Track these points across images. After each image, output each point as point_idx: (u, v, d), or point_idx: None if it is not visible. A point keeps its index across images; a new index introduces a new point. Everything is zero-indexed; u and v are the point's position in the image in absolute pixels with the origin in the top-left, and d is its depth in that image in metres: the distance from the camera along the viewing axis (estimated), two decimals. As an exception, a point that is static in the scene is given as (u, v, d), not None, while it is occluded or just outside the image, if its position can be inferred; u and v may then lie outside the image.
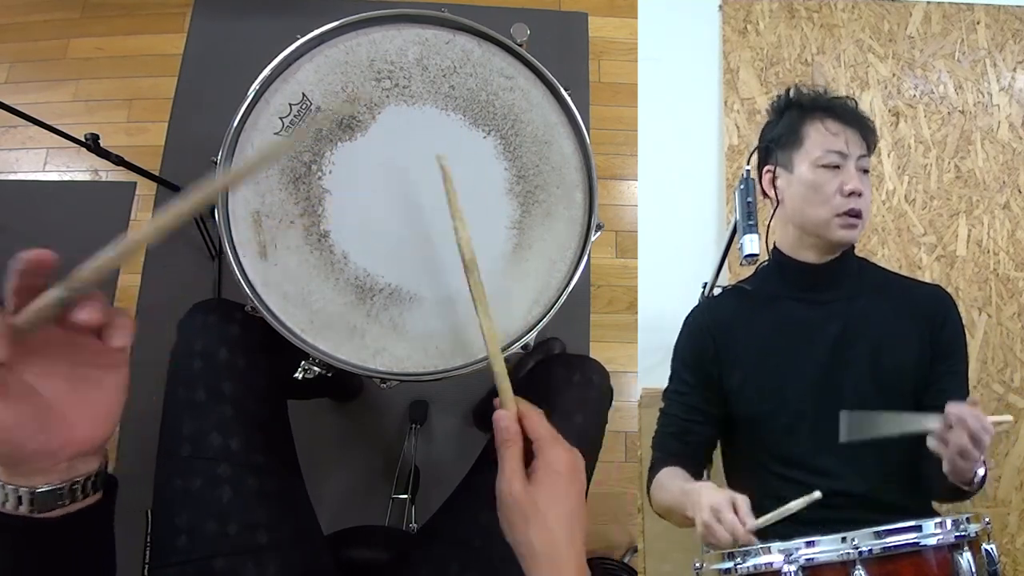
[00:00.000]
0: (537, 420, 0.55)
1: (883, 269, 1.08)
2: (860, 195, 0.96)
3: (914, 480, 0.95)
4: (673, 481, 0.95)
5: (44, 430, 0.41)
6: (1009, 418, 0.86)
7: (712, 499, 0.79)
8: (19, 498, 0.41)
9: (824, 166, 0.97)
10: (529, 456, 0.54)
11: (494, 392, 0.58)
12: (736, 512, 0.78)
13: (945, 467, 0.81)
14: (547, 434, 0.55)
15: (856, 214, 0.96)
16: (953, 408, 0.76)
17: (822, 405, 0.97)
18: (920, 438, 0.91)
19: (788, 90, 1.06)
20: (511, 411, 0.55)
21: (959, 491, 0.86)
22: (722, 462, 1.10)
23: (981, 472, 0.83)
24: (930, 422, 0.79)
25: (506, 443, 0.54)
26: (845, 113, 0.99)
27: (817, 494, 0.76)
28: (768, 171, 1.07)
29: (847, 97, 1.03)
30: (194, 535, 0.67)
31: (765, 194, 1.09)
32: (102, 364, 0.43)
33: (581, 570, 0.52)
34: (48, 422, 0.41)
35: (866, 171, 0.99)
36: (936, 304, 1.01)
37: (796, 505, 0.77)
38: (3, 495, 0.41)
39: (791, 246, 1.05)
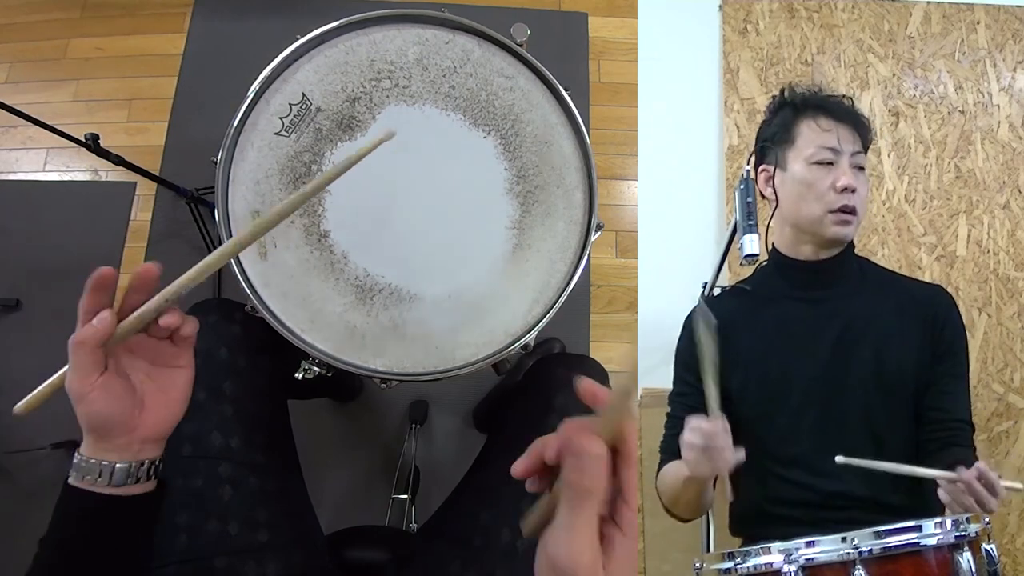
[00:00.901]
0: (634, 471, 0.37)
1: (884, 269, 1.08)
2: (854, 191, 0.96)
3: (914, 481, 0.95)
4: (675, 467, 0.96)
5: (132, 409, 0.50)
6: (1020, 486, 0.82)
7: (690, 424, 0.81)
8: (100, 471, 0.49)
9: (817, 163, 0.97)
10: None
11: (494, 393, 0.57)
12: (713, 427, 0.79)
13: (948, 509, 0.82)
14: (634, 488, 0.38)
15: (850, 210, 0.96)
16: (964, 474, 0.76)
17: (823, 405, 0.97)
18: (922, 439, 0.91)
19: (782, 90, 1.06)
20: (604, 446, 0.35)
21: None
22: (723, 463, 1.10)
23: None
24: (936, 474, 0.79)
25: (587, 492, 0.35)
26: (838, 110, 0.99)
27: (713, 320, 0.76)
28: (764, 170, 1.07)
29: (842, 96, 1.03)
30: (194, 534, 0.67)
31: (763, 195, 1.09)
32: (174, 364, 0.53)
33: None
34: (134, 404, 0.50)
35: (861, 168, 0.99)
36: (937, 304, 1.01)
37: (706, 345, 0.77)
38: (87, 467, 0.49)
39: (788, 245, 1.05)
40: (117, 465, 0.50)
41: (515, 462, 0.40)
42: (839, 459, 0.82)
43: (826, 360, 0.98)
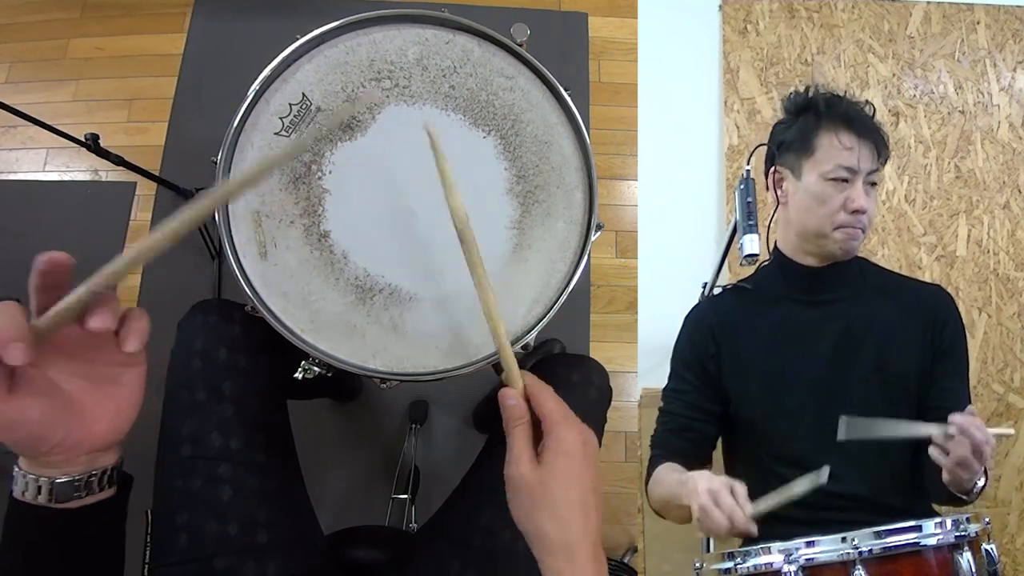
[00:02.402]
0: (546, 397, 0.51)
1: (884, 269, 1.08)
2: (864, 212, 0.95)
3: (915, 482, 0.95)
4: (670, 474, 0.95)
5: (66, 424, 0.43)
6: (1011, 431, 0.85)
7: (709, 484, 0.78)
8: (39, 487, 0.44)
9: (833, 179, 0.95)
10: (539, 437, 0.51)
11: (494, 394, 0.57)
12: (734, 497, 0.76)
13: (945, 477, 0.81)
14: (557, 412, 0.51)
15: (859, 227, 0.96)
16: (957, 417, 0.76)
17: (823, 406, 0.96)
18: (921, 442, 0.91)
19: (807, 89, 1.02)
20: (518, 388, 0.52)
21: (957, 499, 0.86)
22: (723, 461, 1.10)
23: (981, 483, 0.82)
24: (930, 429, 0.79)
25: (513, 423, 0.51)
26: (861, 125, 0.96)
27: (823, 476, 0.73)
28: (776, 172, 1.05)
29: (866, 102, 1.00)
30: (194, 534, 0.67)
31: (768, 188, 1.08)
32: (120, 363, 0.46)
33: (596, 556, 0.48)
34: (70, 417, 0.43)
35: (875, 184, 0.97)
36: (937, 304, 1.01)
37: (798, 489, 0.75)
38: (24, 484, 0.44)
39: (792, 250, 1.04)
40: (58, 480, 0.44)
41: (522, 464, 0.50)
42: (842, 419, 0.79)
43: (827, 360, 0.98)
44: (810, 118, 0.99)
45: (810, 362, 0.99)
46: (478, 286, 0.56)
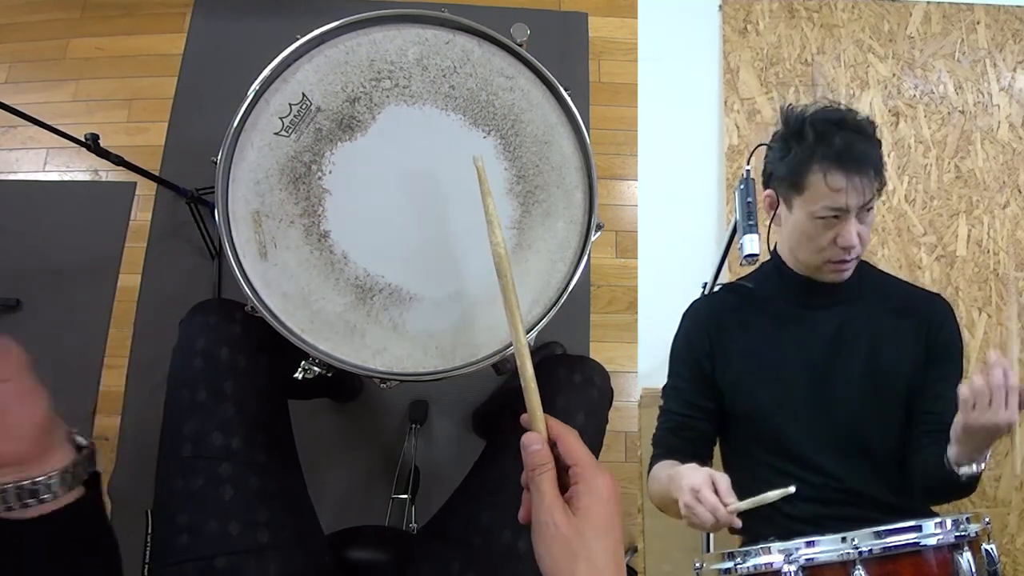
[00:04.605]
0: (574, 443, 0.50)
1: (882, 272, 1.08)
2: (853, 247, 0.93)
3: (906, 469, 0.95)
4: (664, 470, 0.95)
5: None
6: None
7: (692, 479, 0.78)
8: None
9: (822, 218, 0.92)
10: (561, 480, 0.50)
11: (493, 396, 0.57)
12: (717, 492, 0.76)
13: (952, 453, 0.81)
14: (587, 458, 0.50)
15: (850, 259, 0.95)
16: (977, 377, 0.75)
17: (816, 404, 0.97)
18: (911, 437, 0.91)
19: (801, 116, 0.95)
20: (540, 431, 0.51)
21: (949, 490, 0.86)
22: (721, 458, 1.10)
23: (975, 470, 0.83)
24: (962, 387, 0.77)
25: (539, 469, 0.49)
26: (852, 163, 0.89)
27: (791, 489, 0.73)
28: (768, 196, 1.03)
29: (867, 119, 0.94)
30: (195, 534, 0.67)
31: (764, 208, 1.08)
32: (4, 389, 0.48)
33: None
34: None
35: (870, 209, 0.93)
36: (934, 309, 1.01)
37: (772, 496, 0.75)
38: None
39: (789, 259, 1.04)
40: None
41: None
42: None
43: (820, 359, 0.99)
44: (801, 153, 0.93)
45: (804, 360, 0.99)
46: (512, 326, 0.54)
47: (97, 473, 0.52)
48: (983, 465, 0.82)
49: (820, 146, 0.91)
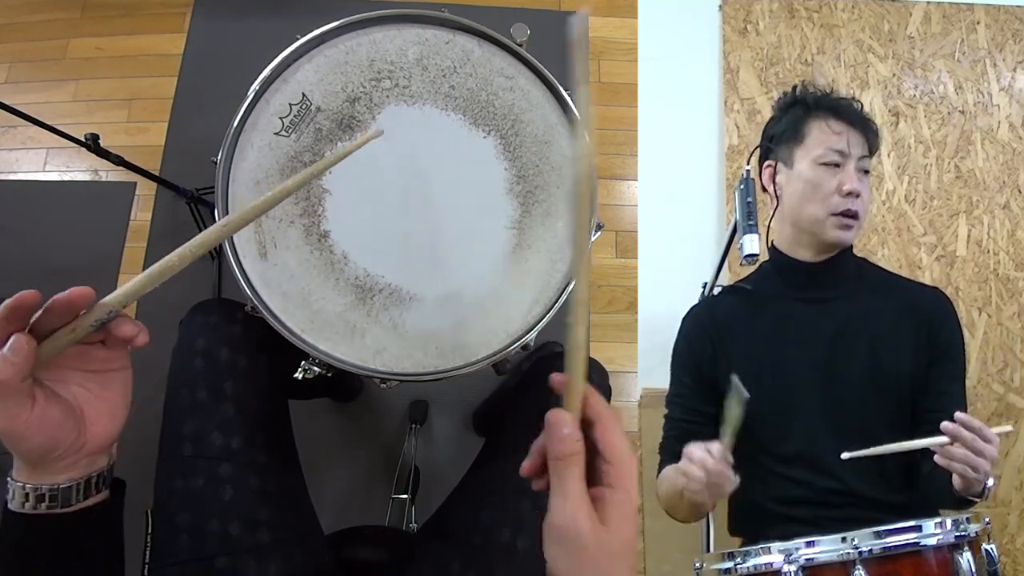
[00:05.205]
0: (616, 435, 0.40)
1: (882, 269, 1.08)
2: (858, 196, 0.96)
3: (913, 478, 0.95)
4: (671, 472, 0.96)
5: (75, 428, 0.45)
6: (1008, 428, 0.85)
7: (687, 450, 0.81)
8: (40, 496, 0.45)
9: (824, 164, 0.97)
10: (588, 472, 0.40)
11: (493, 396, 0.56)
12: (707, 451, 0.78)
13: (956, 483, 0.81)
14: (627, 457, 0.40)
15: (853, 215, 0.96)
16: (947, 426, 0.76)
17: (819, 404, 0.97)
18: (916, 435, 0.91)
19: (794, 87, 1.06)
20: (574, 410, 0.41)
21: (965, 501, 0.86)
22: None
23: (989, 483, 0.83)
24: (925, 442, 0.79)
25: (566, 458, 0.39)
26: (849, 113, 1.00)
27: (743, 389, 0.75)
28: (768, 166, 1.07)
29: (852, 98, 1.03)
30: (196, 534, 0.67)
31: (764, 189, 1.09)
32: (109, 368, 0.48)
33: None
34: (75, 420, 0.46)
35: (867, 172, 0.99)
36: (935, 306, 1.01)
37: (732, 412, 0.76)
38: (23, 495, 0.45)
39: (788, 244, 1.05)
40: (62, 486, 0.46)
41: (522, 463, 0.43)
42: (844, 455, 0.81)
43: (823, 358, 0.99)
44: (799, 110, 1.03)
45: (806, 360, 0.99)
46: (578, 258, 0.45)
47: (123, 481, 0.54)
48: (990, 480, 0.82)
49: (817, 102, 1.02)
